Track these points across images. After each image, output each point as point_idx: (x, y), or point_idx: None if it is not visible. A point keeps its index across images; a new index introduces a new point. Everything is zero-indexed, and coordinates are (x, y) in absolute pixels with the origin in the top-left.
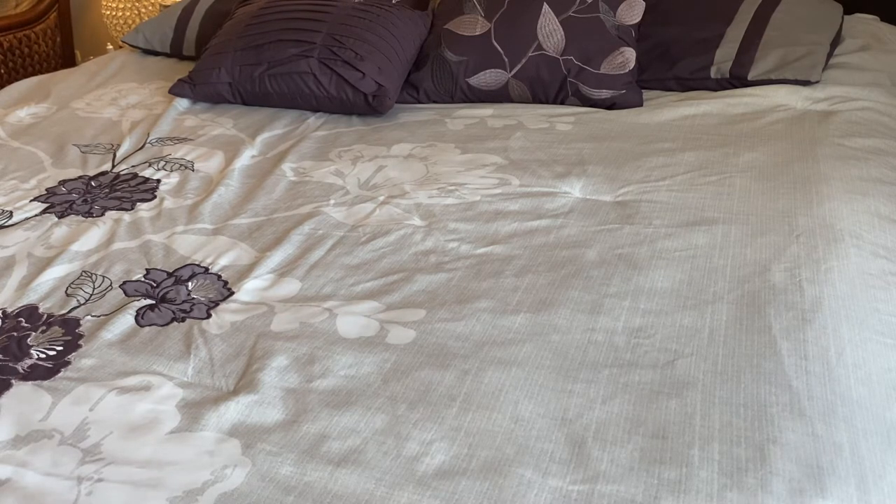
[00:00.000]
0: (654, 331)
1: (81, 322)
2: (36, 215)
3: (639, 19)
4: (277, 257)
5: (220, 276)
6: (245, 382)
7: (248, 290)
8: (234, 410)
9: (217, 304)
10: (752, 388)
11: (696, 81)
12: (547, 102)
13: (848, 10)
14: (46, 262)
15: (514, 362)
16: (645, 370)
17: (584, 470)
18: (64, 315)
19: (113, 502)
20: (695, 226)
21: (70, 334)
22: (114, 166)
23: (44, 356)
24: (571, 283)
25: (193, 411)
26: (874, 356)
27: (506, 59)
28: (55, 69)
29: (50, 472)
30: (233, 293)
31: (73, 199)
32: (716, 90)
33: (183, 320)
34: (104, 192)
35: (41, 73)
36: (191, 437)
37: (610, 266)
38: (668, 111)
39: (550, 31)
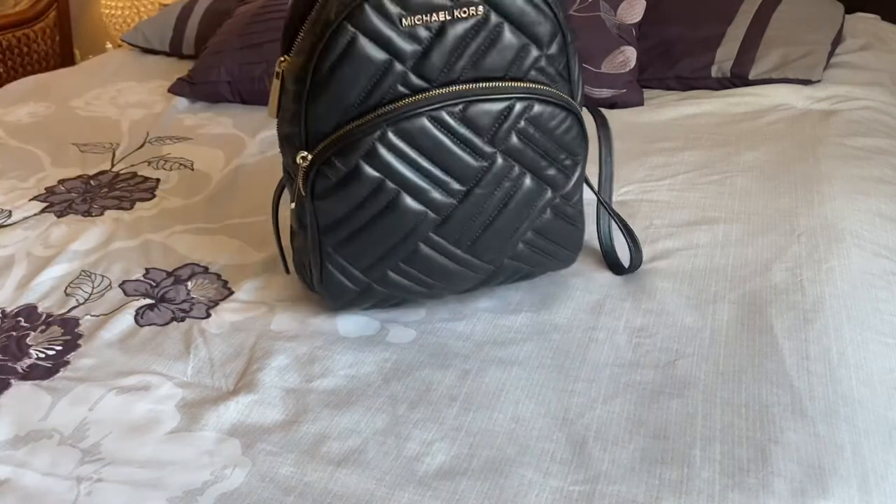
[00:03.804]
0: (655, 330)
1: (80, 322)
2: (35, 214)
3: (640, 18)
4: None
5: (219, 276)
6: (245, 382)
7: (247, 290)
8: (233, 410)
9: (217, 304)
10: (754, 388)
11: (697, 80)
12: None
13: (849, 10)
14: (45, 262)
15: (514, 362)
16: (646, 370)
17: (585, 470)
18: (63, 315)
19: (112, 502)
20: (696, 225)
21: (69, 334)
22: (113, 165)
23: (43, 356)
24: (571, 283)
25: (193, 411)
26: (876, 356)
27: None
28: (54, 68)
29: (49, 472)
30: (232, 292)
31: (72, 199)
32: (717, 89)
33: (182, 320)
34: (103, 192)
35: (40, 71)
36: (190, 437)
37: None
38: (669, 110)
39: None
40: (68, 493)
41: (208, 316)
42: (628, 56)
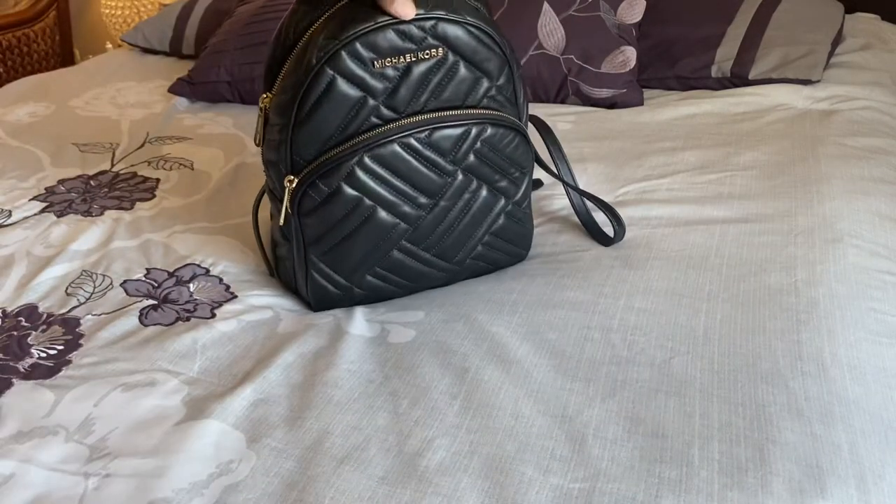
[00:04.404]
0: (649, 329)
1: (82, 321)
2: (35, 214)
3: (640, 18)
4: None
5: (221, 280)
6: (251, 379)
7: (250, 291)
8: (239, 406)
9: (220, 305)
10: (749, 387)
11: (697, 80)
12: (547, 101)
13: (849, 10)
14: (46, 262)
15: (512, 360)
16: (642, 368)
17: (584, 468)
18: (64, 314)
19: (119, 496)
20: (693, 225)
21: (70, 333)
22: (113, 165)
23: (45, 355)
24: (567, 284)
25: (199, 406)
26: (869, 356)
27: None
28: (54, 68)
29: (55, 468)
30: (235, 294)
31: (72, 199)
32: (717, 89)
33: (188, 320)
34: (103, 192)
35: (40, 71)
36: (196, 432)
37: (606, 266)
38: (669, 110)
39: (551, 29)
40: (75, 487)
41: (213, 316)
42: (628, 56)
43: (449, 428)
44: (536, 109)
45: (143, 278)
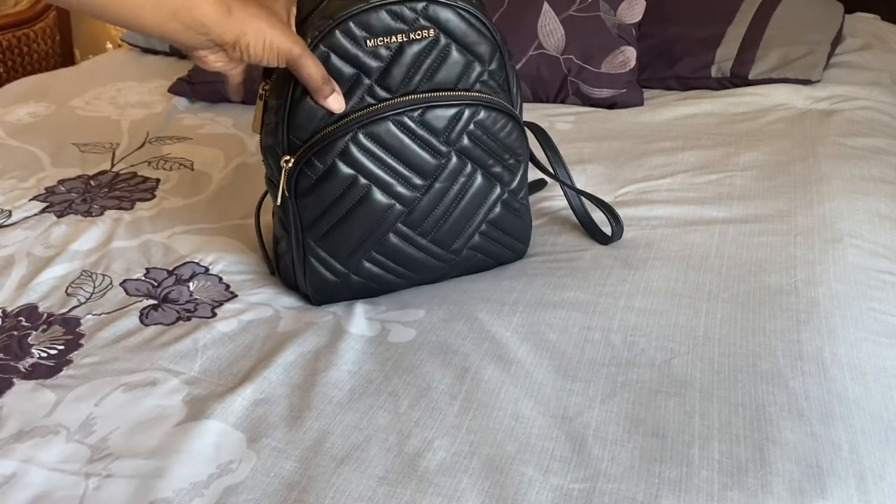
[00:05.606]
0: (649, 329)
1: (82, 321)
2: (35, 214)
3: (639, 18)
4: None
5: (221, 279)
6: (251, 379)
7: (251, 291)
8: (239, 406)
9: (221, 304)
10: (750, 387)
11: (696, 80)
12: (547, 101)
13: (849, 10)
14: (46, 262)
15: (513, 361)
16: (642, 369)
17: (584, 468)
18: (64, 314)
19: (120, 496)
20: (692, 225)
21: (71, 333)
22: (113, 165)
23: (45, 355)
24: (567, 284)
25: (199, 406)
26: (869, 356)
27: None
28: (54, 68)
29: (56, 468)
30: (235, 293)
31: (72, 199)
32: (717, 89)
33: (188, 319)
34: (103, 192)
35: (40, 71)
36: (197, 432)
37: (606, 266)
38: (669, 110)
39: (550, 29)
40: (76, 487)
41: (213, 315)
42: (628, 56)
43: (449, 428)
44: (536, 109)
45: (143, 278)
